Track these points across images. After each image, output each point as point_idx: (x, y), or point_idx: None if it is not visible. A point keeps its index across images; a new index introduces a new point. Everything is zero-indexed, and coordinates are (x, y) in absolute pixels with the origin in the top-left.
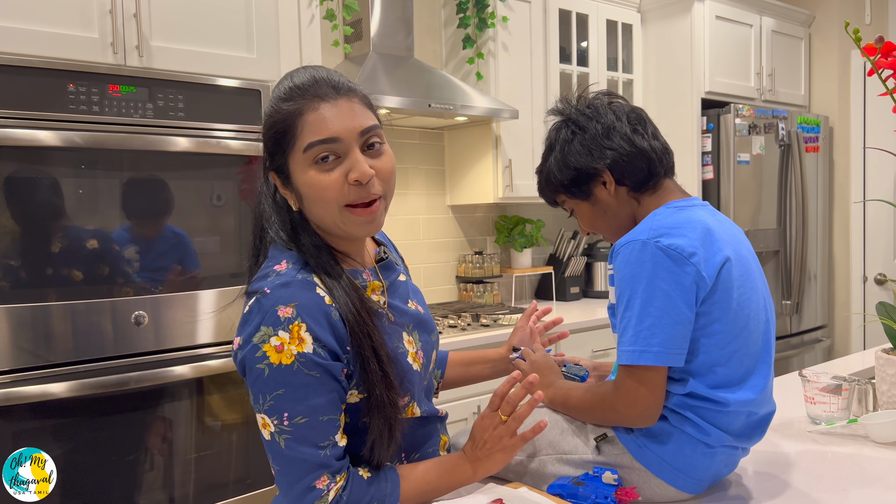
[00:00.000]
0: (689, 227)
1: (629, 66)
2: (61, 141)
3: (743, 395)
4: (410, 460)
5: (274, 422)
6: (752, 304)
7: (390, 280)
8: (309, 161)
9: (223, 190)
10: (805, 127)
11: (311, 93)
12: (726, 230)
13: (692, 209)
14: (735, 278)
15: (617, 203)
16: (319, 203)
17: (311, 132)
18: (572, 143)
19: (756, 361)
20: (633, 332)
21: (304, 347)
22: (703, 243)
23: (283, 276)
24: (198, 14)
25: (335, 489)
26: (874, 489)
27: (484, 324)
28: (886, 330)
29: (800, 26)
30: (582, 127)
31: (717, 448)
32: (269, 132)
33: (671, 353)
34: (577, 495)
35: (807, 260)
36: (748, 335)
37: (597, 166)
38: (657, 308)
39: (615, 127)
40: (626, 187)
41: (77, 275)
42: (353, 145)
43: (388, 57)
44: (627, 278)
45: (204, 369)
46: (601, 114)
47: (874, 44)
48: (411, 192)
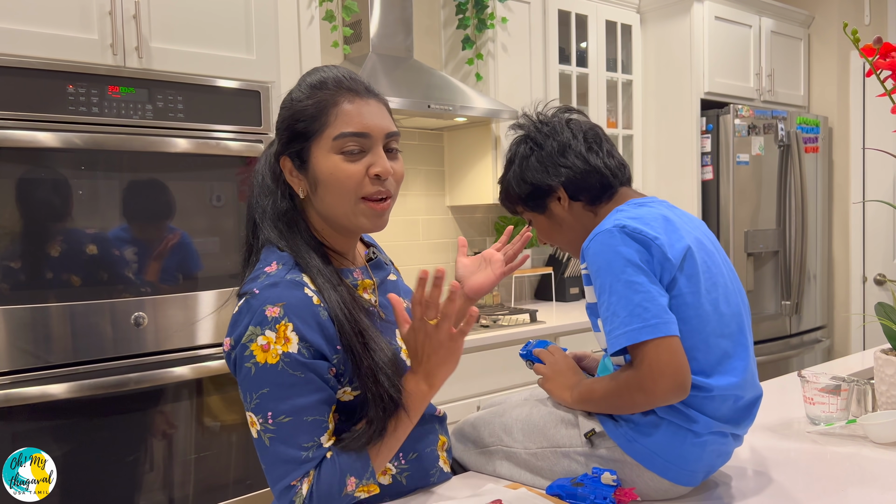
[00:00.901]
0: (649, 218)
1: (628, 66)
2: (61, 142)
3: (725, 379)
4: (408, 460)
5: (259, 420)
6: (721, 287)
7: (381, 278)
8: (336, 149)
9: (223, 191)
10: (804, 127)
11: (345, 86)
12: (686, 221)
13: (651, 205)
14: (700, 262)
15: (572, 217)
16: (338, 191)
17: (344, 122)
18: (530, 158)
19: (734, 344)
20: (625, 311)
21: (290, 347)
22: (664, 231)
23: (273, 277)
24: (197, 15)
25: (308, 481)
26: (873, 489)
27: (484, 324)
28: (885, 330)
29: (799, 27)
30: (539, 144)
31: (705, 436)
32: (294, 115)
33: (669, 323)
34: (577, 496)
35: (806, 260)
36: (720, 318)
37: (551, 183)
38: (640, 284)
39: (570, 145)
40: (581, 202)
41: (76, 276)
42: (379, 143)
43: (388, 58)
44: (604, 266)
45: (203, 370)
46: (558, 132)
47: (873, 45)
48: (411, 193)
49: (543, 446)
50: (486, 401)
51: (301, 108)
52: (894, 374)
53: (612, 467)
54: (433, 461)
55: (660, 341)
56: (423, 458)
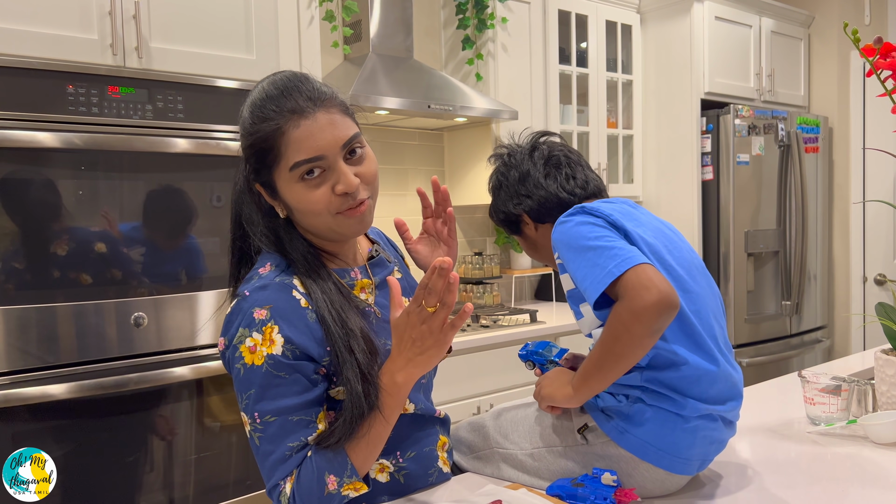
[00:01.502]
0: (609, 207)
1: (628, 66)
2: (61, 142)
3: (700, 355)
4: (406, 459)
5: (249, 420)
6: (686, 263)
7: (381, 277)
8: (295, 178)
9: (223, 191)
10: (804, 127)
11: (288, 108)
12: (647, 214)
13: (613, 202)
14: (662, 245)
15: (543, 237)
16: (311, 215)
17: (294, 151)
18: (500, 190)
19: (706, 320)
20: (596, 262)
21: (273, 349)
22: (623, 216)
23: (263, 280)
24: (197, 15)
25: (290, 480)
26: (873, 490)
27: (483, 324)
28: (886, 331)
29: (799, 27)
30: (505, 175)
31: (694, 420)
32: (250, 149)
33: (640, 255)
34: (577, 496)
35: (806, 260)
36: (688, 296)
37: (515, 212)
38: (607, 237)
39: (529, 173)
40: (548, 223)
41: (76, 276)
42: (337, 158)
43: (388, 58)
44: (569, 240)
45: (204, 370)
46: (518, 162)
47: (873, 44)
48: (411, 193)
49: (539, 446)
50: (486, 401)
51: (251, 143)
52: (895, 374)
53: (607, 463)
54: (432, 461)
55: (635, 268)
56: (422, 458)
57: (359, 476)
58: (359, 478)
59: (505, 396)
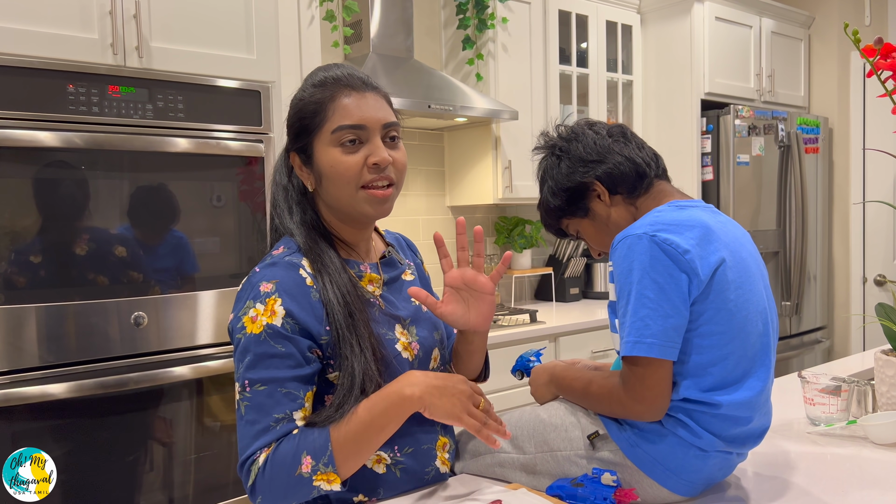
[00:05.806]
0: (687, 226)
1: (629, 67)
2: (61, 142)
3: (738, 396)
4: (403, 454)
5: (239, 388)
6: (751, 305)
7: (390, 275)
8: (335, 142)
9: (223, 191)
10: (804, 128)
11: (343, 82)
12: (728, 231)
13: (694, 209)
14: (731, 280)
15: (616, 213)
16: (339, 181)
17: (341, 116)
18: (559, 166)
19: (752, 365)
20: (629, 322)
21: (274, 320)
22: (699, 242)
23: (274, 259)
24: (197, 15)
25: (267, 451)
26: (873, 490)
27: None
28: (886, 331)
29: (799, 27)
30: (565, 150)
31: (710, 452)
32: (298, 113)
33: (665, 346)
34: (577, 496)
35: (806, 261)
36: (745, 338)
37: (586, 181)
38: (651, 300)
39: (596, 142)
40: (620, 195)
41: (76, 276)
42: (376, 134)
43: (388, 58)
44: (625, 272)
45: (204, 370)
46: (580, 135)
47: (873, 45)
48: (411, 193)
49: (543, 450)
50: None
51: (303, 106)
52: (895, 374)
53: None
54: (430, 459)
55: (649, 362)
56: (419, 455)
57: (335, 467)
58: (335, 469)
59: (505, 396)
